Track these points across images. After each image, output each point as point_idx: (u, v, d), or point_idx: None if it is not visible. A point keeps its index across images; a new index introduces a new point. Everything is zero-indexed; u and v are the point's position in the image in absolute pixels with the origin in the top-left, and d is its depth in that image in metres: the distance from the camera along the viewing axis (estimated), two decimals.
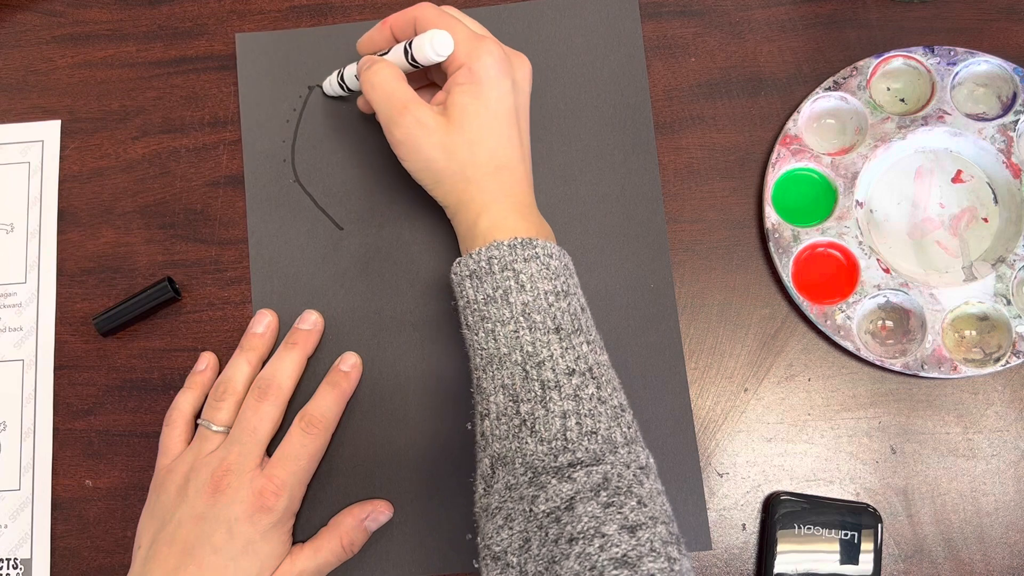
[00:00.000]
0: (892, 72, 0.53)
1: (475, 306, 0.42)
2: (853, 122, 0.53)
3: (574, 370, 0.40)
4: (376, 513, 0.48)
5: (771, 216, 0.51)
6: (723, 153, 0.53)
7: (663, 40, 0.54)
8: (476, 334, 0.42)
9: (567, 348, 0.41)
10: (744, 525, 0.49)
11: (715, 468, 0.50)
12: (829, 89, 0.52)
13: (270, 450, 0.47)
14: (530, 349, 0.41)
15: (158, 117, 0.54)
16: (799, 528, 0.47)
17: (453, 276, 0.44)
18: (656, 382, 0.50)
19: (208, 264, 0.53)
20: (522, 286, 0.42)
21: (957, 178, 0.52)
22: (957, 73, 0.52)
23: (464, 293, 0.43)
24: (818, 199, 0.52)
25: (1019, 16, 0.54)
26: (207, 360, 0.51)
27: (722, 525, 0.49)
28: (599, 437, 0.40)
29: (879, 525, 0.47)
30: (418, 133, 0.44)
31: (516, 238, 0.42)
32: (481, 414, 0.42)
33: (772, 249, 0.51)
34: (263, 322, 0.51)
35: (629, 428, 0.41)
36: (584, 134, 0.53)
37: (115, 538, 0.50)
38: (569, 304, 0.42)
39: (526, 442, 0.40)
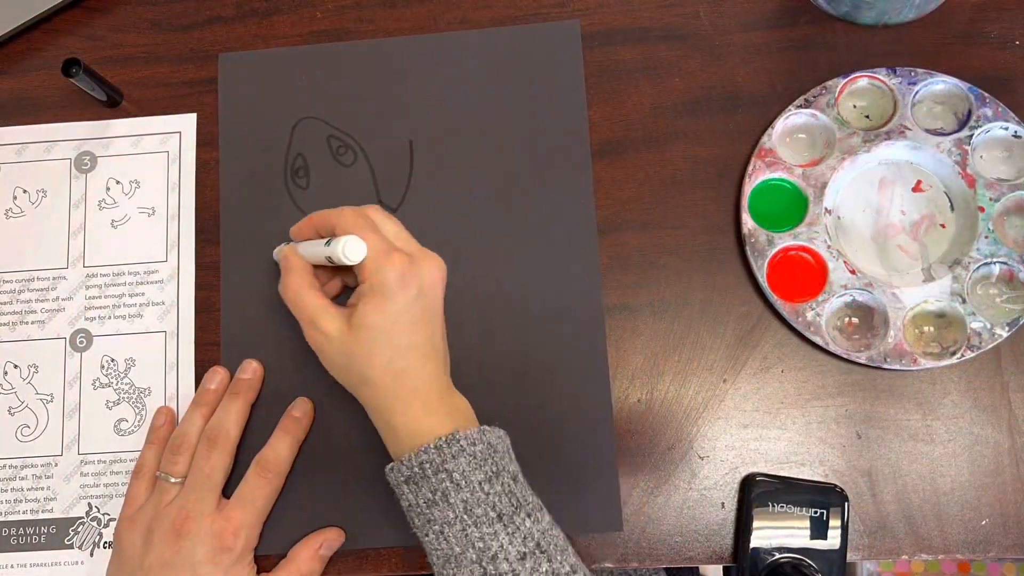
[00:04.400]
0: (858, 91, 0.55)
1: (418, 509, 0.44)
2: (822, 136, 0.55)
3: (525, 553, 0.43)
4: (329, 541, 0.51)
5: (747, 222, 0.53)
6: (704, 165, 0.55)
7: (650, 62, 0.57)
8: (426, 535, 0.44)
9: (513, 533, 0.43)
10: (723, 504, 0.51)
11: (696, 452, 0.52)
12: (801, 107, 0.54)
13: (227, 489, 0.50)
14: (480, 545, 0.42)
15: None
16: (773, 506, 0.49)
17: (389, 478, 0.46)
18: (577, 378, 0.53)
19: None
20: (458, 485, 0.43)
21: (917, 187, 0.54)
22: (917, 92, 0.54)
23: (405, 497, 0.45)
24: (790, 207, 0.54)
25: (973, 41, 0.56)
26: (164, 415, 0.53)
27: (703, 504, 0.51)
28: None
29: (846, 504, 0.49)
30: (323, 342, 0.46)
31: (440, 438, 0.44)
32: None
33: (748, 252, 0.53)
34: (215, 379, 0.53)
35: None
36: (525, 155, 0.55)
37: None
38: (503, 484, 0.44)
39: None
